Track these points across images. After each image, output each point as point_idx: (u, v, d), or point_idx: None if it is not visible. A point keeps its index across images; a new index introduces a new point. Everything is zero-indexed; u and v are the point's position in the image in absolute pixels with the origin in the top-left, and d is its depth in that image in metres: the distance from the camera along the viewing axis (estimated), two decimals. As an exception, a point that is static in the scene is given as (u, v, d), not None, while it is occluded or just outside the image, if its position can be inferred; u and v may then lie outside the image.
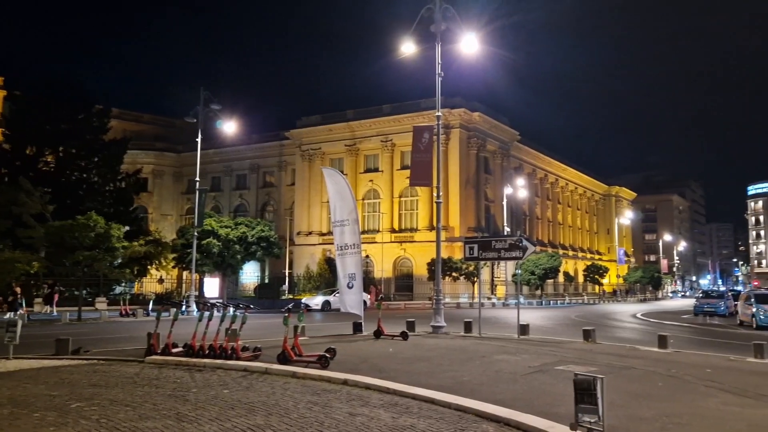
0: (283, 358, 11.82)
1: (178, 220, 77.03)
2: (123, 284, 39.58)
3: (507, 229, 57.01)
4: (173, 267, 43.42)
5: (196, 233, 35.96)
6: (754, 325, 26.02)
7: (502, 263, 54.33)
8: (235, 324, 12.78)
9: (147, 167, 73.55)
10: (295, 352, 12.07)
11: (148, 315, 30.12)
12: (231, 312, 13.41)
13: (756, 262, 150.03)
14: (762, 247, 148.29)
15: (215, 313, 13.45)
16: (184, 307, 30.75)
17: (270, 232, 44.74)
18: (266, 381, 10.35)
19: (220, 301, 33.80)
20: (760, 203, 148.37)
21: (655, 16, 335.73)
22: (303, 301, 38.83)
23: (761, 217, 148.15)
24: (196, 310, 29.35)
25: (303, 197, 67.97)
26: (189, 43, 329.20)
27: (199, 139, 36.12)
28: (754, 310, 26.52)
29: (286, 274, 57.76)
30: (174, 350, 12.85)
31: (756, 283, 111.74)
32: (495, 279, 59.99)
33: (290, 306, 13.22)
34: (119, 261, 31.88)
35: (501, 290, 59.77)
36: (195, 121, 34.96)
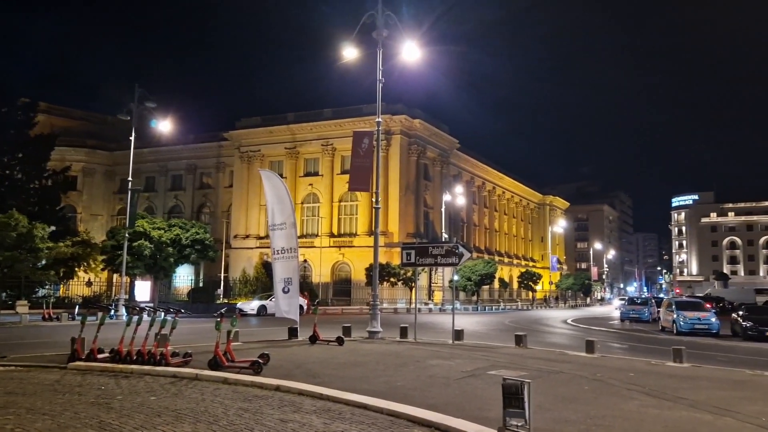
0: (215, 364, 11.56)
1: (109, 221, 74.28)
2: (47, 286, 37.81)
3: (445, 236, 57.81)
4: (102, 269, 41.87)
5: (127, 234, 34.72)
6: (675, 331, 27.30)
7: (440, 269, 55.03)
8: (165, 329, 12.43)
9: (77, 165, 70.72)
10: (227, 357, 11.83)
11: (73, 319, 28.85)
12: (161, 316, 13.03)
13: (678, 270, 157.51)
14: (684, 257, 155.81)
15: (144, 317, 13.03)
16: (112, 312, 29.62)
17: (206, 234, 43.70)
18: (196, 387, 10.09)
19: (151, 305, 32.76)
20: (683, 215, 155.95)
21: (593, 30, 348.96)
22: (238, 305, 38.12)
23: (684, 228, 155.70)
24: (126, 314, 28.33)
25: (241, 200, 66.88)
26: (124, 39, 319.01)
27: (132, 138, 34.95)
28: (674, 316, 27.83)
29: (222, 277, 56.62)
30: (99, 356, 12.35)
31: (678, 291, 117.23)
32: (433, 285, 60.68)
33: (223, 310, 12.94)
34: (43, 262, 30.43)
35: (438, 296, 60.48)
36: (129, 118, 33.82)
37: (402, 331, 20.03)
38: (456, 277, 38.42)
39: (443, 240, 53.00)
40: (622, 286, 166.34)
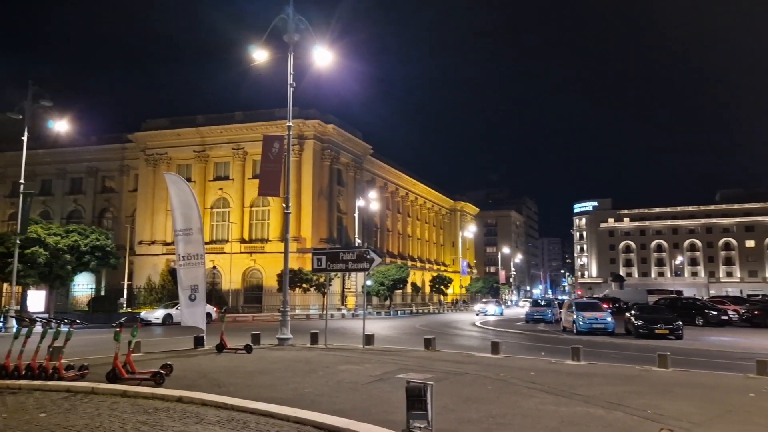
0: (113, 376, 11.04)
1: (-1, 226, 69.17)
2: (-74, 299, 34.75)
3: (358, 241, 58.00)
4: (-10, 278, 38.93)
5: (18, 241, 32.44)
6: (575, 331, 28.69)
7: (354, 274, 55.14)
8: (59, 341, 11.74)
9: (-39, 167, 65.48)
10: (127, 369, 11.33)
11: (-44, 333, 26.64)
12: (55, 327, 12.28)
13: (580, 273, 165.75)
14: (585, 260, 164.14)
15: (36, 328, 12.24)
16: (1, 324, 27.62)
17: (107, 240, 41.64)
18: (92, 402, 9.59)
19: (45, 315, 30.83)
20: (584, 220, 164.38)
21: (502, 40, 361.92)
22: (142, 314, 36.57)
23: (584, 233, 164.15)
24: (17, 325, 26.47)
25: (146, 204, 64.18)
26: (17, 34, 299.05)
27: (25, 138, 32.73)
28: (574, 317, 29.26)
29: (125, 286, 54.06)
30: (-17, 372, 11.47)
31: (579, 292, 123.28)
32: (346, 290, 60.65)
33: (123, 320, 12.36)
34: None
35: (351, 301, 60.53)
36: (21, 117, 31.67)
37: (312, 338, 19.91)
38: (369, 282, 38.67)
39: (356, 245, 53.20)
40: (528, 288, 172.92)
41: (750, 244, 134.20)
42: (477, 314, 56.54)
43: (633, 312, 29.00)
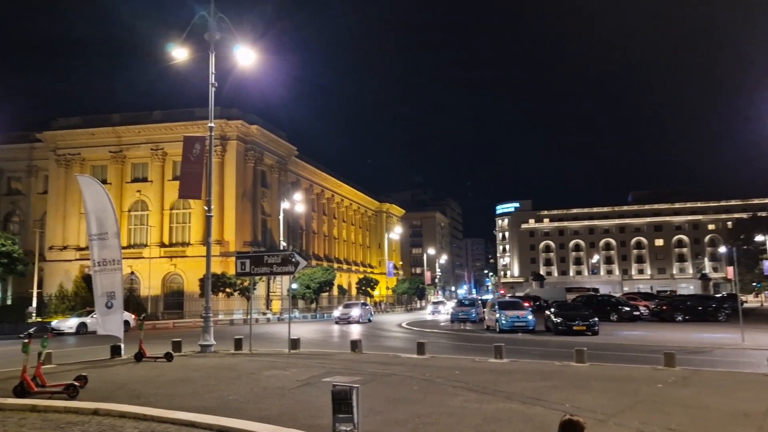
0: (21, 391, 10.41)
1: None
2: None
3: (283, 244, 57.33)
4: None
5: None
6: (498, 329, 29.45)
7: (279, 278, 54.42)
8: (-41, 354, 10.94)
9: None
10: (36, 382, 10.69)
11: None
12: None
13: (503, 272, 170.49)
14: (507, 260, 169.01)
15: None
16: None
17: (13, 246, 39.14)
18: (-3, 419, 8.99)
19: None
20: (506, 221, 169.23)
21: (427, 46, 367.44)
22: (53, 323, 34.67)
23: (507, 233, 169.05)
24: None
25: (57, 207, 60.90)
26: None
27: None
28: (497, 315, 30.04)
29: (35, 294, 51.06)
30: None
31: (502, 291, 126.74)
32: (271, 294, 59.78)
33: (32, 330, 11.66)
34: None
35: (277, 305, 59.73)
36: None
37: (237, 343, 19.49)
38: (294, 286, 38.27)
39: (281, 248, 52.53)
40: (453, 288, 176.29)
41: (659, 243, 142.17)
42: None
43: (552, 310, 30.05)
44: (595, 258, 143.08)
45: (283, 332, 26.27)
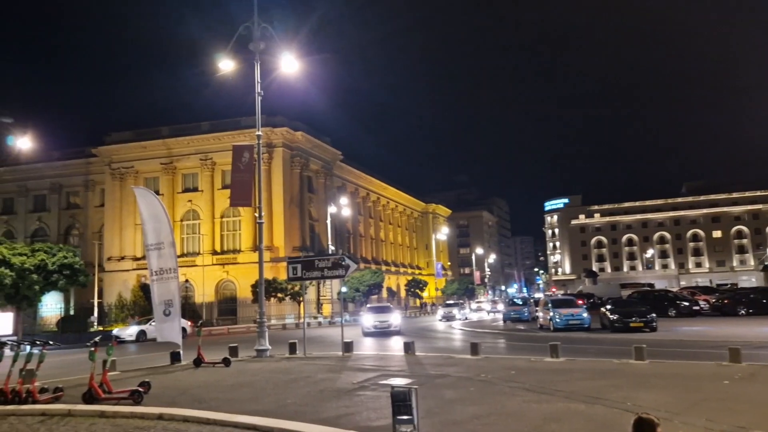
0: (90, 397, 10.80)
1: (-39, 249, 67.13)
2: None
3: (332, 248, 57.80)
4: (-46, 303, 37.78)
5: (-17, 263, 31.58)
6: (552, 328, 28.96)
7: (328, 282, 54.89)
8: (31, 363, 11.44)
9: None
10: (103, 389, 11.09)
11: None
12: (26, 350, 11.96)
13: (553, 270, 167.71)
14: (558, 257, 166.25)
15: (6, 352, 11.90)
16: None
17: (75, 258, 40.62)
18: (69, 425, 9.37)
19: (14, 338, 30.09)
20: (555, 217, 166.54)
21: (467, 44, 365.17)
22: (114, 332, 35.87)
23: (556, 230, 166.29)
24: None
25: (114, 219, 63.03)
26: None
27: (-14, 157, 31.97)
28: (551, 314, 29.54)
29: (95, 303, 52.96)
30: (-47, 399, 11.12)
31: (554, 290, 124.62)
32: (321, 298, 60.38)
33: (97, 339, 12.11)
34: None
35: (327, 308, 60.26)
36: (-20, 135, 30.88)
37: (291, 347, 19.75)
38: (344, 289, 38.54)
39: (330, 252, 52.98)
40: (503, 288, 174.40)
41: (717, 234, 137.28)
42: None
43: (608, 307, 29.40)
44: (650, 252, 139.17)
45: (335, 335, 26.53)
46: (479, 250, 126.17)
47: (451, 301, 61.30)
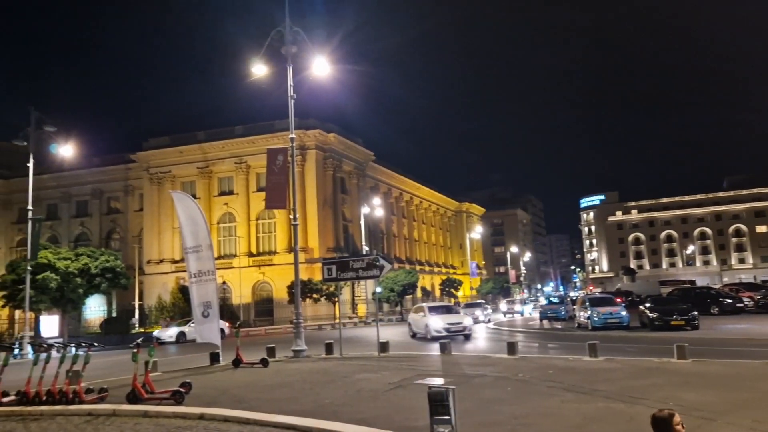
0: (133, 397, 11.06)
1: (7, 254, 69.39)
2: (-60, 329, 34.96)
3: (365, 248, 57.99)
4: (2, 306, 39.16)
5: (29, 267, 32.61)
6: (590, 326, 28.50)
7: (363, 282, 55.07)
8: (77, 365, 11.78)
9: (-32, 196, 65.86)
10: (146, 389, 11.35)
11: (-28, 362, 26.71)
12: (72, 352, 12.33)
13: (590, 268, 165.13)
14: (595, 255, 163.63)
15: (53, 354, 12.28)
16: (17, 351, 27.71)
17: (116, 261, 41.76)
18: (114, 424, 9.62)
19: (60, 340, 30.96)
20: (591, 215, 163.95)
21: (498, 40, 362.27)
22: (155, 333, 36.68)
23: (593, 227, 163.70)
24: (32, 352, 26.55)
25: (152, 223, 64.39)
26: (16, 60, 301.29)
27: (30, 164, 33.01)
28: (588, 313, 29.10)
29: (136, 306, 54.20)
30: (4, 399, 11.53)
31: (591, 288, 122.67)
32: (356, 298, 60.63)
33: (139, 340, 12.41)
34: (-66, 303, 28.14)
35: (362, 309, 60.48)
36: (25, 144, 31.94)
37: (327, 348, 19.89)
38: (379, 289, 38.56)
39: (364, 253, 53.16)
40: (539, 286, 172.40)
41: (761, 229, 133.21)
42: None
43: (647, 304, 28.83)
44: (690, 249, 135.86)
45: (371, 335, 26.65)
46: (514, 249, 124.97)
47: (475, 302, 55.99)
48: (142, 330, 46.35)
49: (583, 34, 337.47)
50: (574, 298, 46.22)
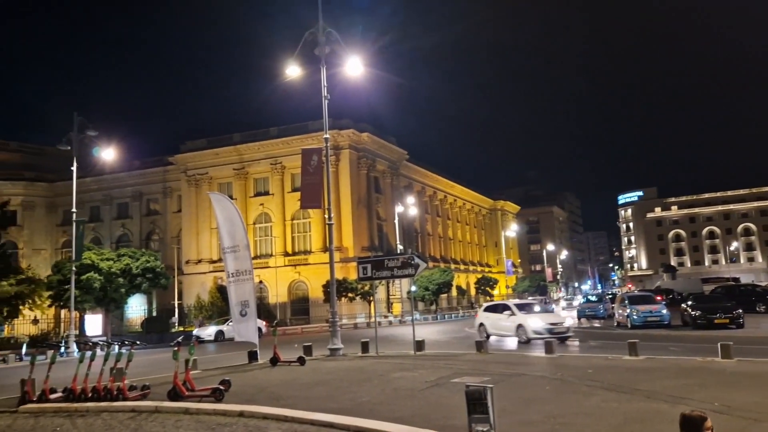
0: (174, 395, 11.29)
1: (53, 255, 71.57)
2: (-9, 328, 36.24)
3: (400, 247, 57.99)
4: (49, 306, 40.36)
5: (74, 268, 33.60)
6: (629, 325, 27.98)
7: (398, 281, 55.12)
8: (121, 362, 12.08)
9: (15, 199, 68.02)
10: (186, 387, 11.57)
11: (21, 360, 27.66)
12: (116, 350, 12.65)
13: (629, 265, 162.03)
14: (633, 252, 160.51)
15: (98, 352, 12.64)
16: (63, 349, 28.56)
17: (156, 262, 42.70)
18: (157, 420, 9.84)
19: (104, 339, 31.76)
20: (629, 211, 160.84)
21: (533, 38, 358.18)
22: (194, 332, 37.33)
23: (631, 224, 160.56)
24: (77, 350, 27.34)
25: (191, 224, 65.59)
26: (59, 65, 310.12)
27: (74, 168, 34.00)
28: (628, 311, 28.57)
29: (176, 305, 55.30)
30: (52, 396, 11.90)
31: (630, 286, 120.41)
32: (391, 297, 60.71)
33: (180, 339, 12.66)
34: (-15, 303, 29.20)
35: (397, 307, 60.52)
36: (69, 148, 32.90)
37: (363, 346, 19.96)
38: (414, 288, 38.47)
39: (398, 251, 53.18)
40: (576, 284, 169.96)
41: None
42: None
43: (689, 302, 28.16)
44: (734, 245, 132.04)
45: (406, 334, 26.64)
46: (550, 247, 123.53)
47: (525, 301, 54.23)
48: (182, 329, 47.24)
49: (620, 26, 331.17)
50: (611, 296, 45.43)
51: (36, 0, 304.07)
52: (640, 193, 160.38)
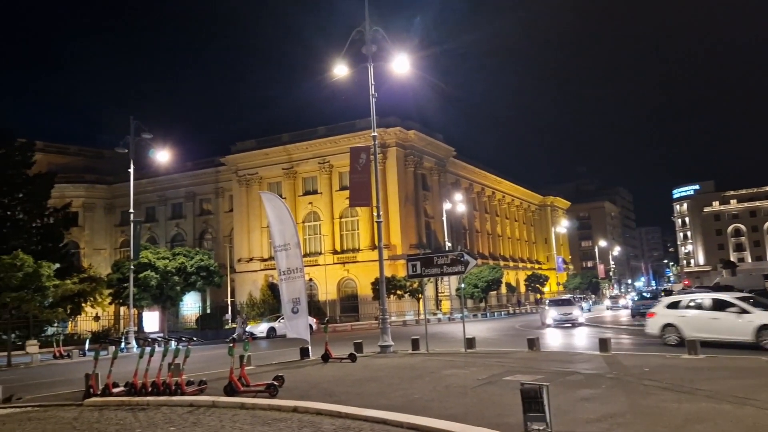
0: (230, 390, 11.56)
1: (112, 254, 74.27)
2: (56, 325, 37.76)
3: (448, 244, 57.73)
4: (109, 303, 41.75)
5: (132, 266, 34.78)
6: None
7: (446, 278, 54.87)
8: (179, 358, 12.44)
9: (77, 201, 70.85)
10: (242, 382, 11.83)
11: (84, 355, 28.83)
12: (173, 346, 13.04)
13: (685, 262, 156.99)
14: (690, 248, 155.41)
15: (156, 348, 13.04)
16: (123, 344, 29.60)
17: (209, 260, 43.71)
18: (214, 415, 10.09)
19: (161, 335, 32.71)
20: (685, 206, 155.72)
21: (584, 30, 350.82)
22: (248, 329, 38.05)
23: (687, 219, 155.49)
24: (137, 346, 28.30)
25: (242, 223, 66.94)
26: (115, 71, 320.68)
27: (131, 170, 35.16)
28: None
29: (229, 302, 56.51)
30: (115, 390, 12.36)
31: (687, 283, 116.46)
32: (440, 294, 60.51)
33: (235, 335, 12.96)
34: (50, 300, 30.43)
35: (446, 305, 60.30)
36: (126, 151, 34.05)
37: (414, 343, 19.96)
38: (463, 285, 38.31)
39: (446, 249, 52.93)
40: (630, 281, 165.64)
41: None
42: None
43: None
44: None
45: (456, 332, 26.50)
46: (602, 243, 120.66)
47: (562, 297, 45.13)
48: (235, 326, 48.21)
49: (672, 20, 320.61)
50: (670, 292, 44.05)
51: (94, 10, 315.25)
52: (697, 187, 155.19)
